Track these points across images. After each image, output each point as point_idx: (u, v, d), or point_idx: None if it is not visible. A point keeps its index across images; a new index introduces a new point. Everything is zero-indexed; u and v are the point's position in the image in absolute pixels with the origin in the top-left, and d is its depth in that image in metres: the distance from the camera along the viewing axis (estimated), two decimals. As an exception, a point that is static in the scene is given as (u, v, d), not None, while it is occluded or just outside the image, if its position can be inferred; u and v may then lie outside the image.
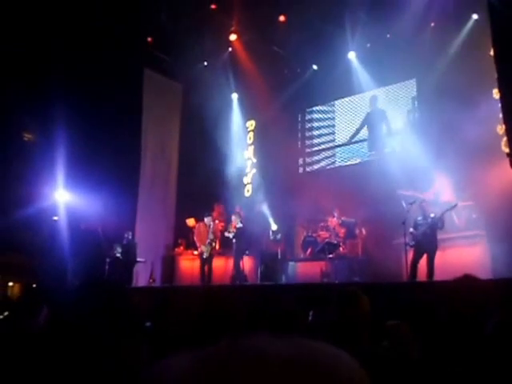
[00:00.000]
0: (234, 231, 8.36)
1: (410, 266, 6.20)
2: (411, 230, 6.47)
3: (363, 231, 8.43)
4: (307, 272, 8.38)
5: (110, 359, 0.84)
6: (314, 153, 10.76)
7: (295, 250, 9.41)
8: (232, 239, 8.39)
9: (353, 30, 8.69)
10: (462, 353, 1.41)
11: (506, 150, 6.75)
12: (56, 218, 9.68)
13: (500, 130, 7.50)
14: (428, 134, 8.24)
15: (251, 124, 11.33)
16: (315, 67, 10.21)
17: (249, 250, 8.68)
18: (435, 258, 6.22)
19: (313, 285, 6.96)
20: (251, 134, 11.32)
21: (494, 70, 6.35)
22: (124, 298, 0.97)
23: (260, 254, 8.66)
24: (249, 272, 8.63)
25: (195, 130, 10.47)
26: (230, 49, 10.21)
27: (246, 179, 11.04)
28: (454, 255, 6.77)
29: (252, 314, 1.41)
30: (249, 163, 11.18)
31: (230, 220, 8.93)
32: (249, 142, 11.31)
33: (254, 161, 11.11)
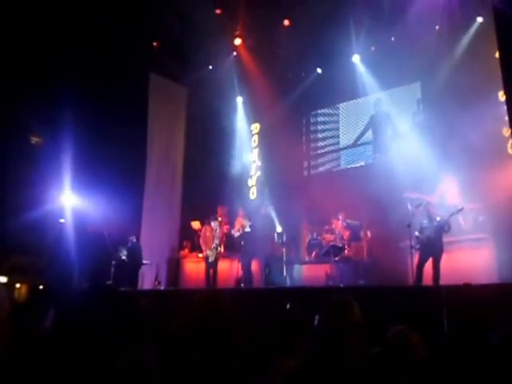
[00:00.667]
0: (241, 232, 8.35)
1: (416, 270, 6.16)
2: (416, 233, 6.43)
3: (368, 234, 8.39)
4: (312, 275, 8.37)
5: (115, 363, 0.85)
6: (318, 155, 10.77)
7: (300, 252, 9.40)
8: (241, 241, 8.37)
9: (357, 33, 8.69)
10: (465, 360, 1.41)
11: (511, 152, 6.72)
12: (62, 220, 9.76)
13: (506, 132, 7.46)
14: (433, 136, 8.21)
15: (256, 127, 11.37)
16: (319, 70, 10.22)
17: (255, 253, 8.67)
18: (441, 261, 6.18)
19: (318, 288, 6.94)
20: (256, 137, 11.36)
21: (499, 73, 6.32)
22: (131, 305, 0.99)
23: (265, 257, 8.66)
24: (253, 275, 8.62)
25: (200, 133, 10.53)
26: (235, 53, 10.26)
27: (251, 182, 11.07)
28: (460, 258, 6.73)
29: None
30: (253, 166, 11.21)
31: (233, 222, 8.96)
32: (253, 144, 11.35)
33: (259, 163, 11.13)
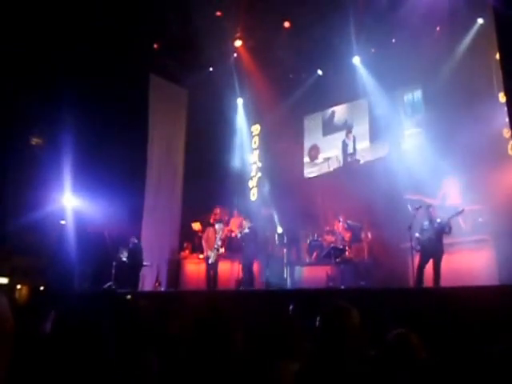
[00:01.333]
0: (242, 233, 8.35)
1: (417, 271, 6.16)
2: (417, 235, 6.43)
3: (369, 235, 8.39)
4: (313, 276, 8.36)
5: (115, 366, 0.86)
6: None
7: (301, 253, 9.40)
8: (241, 243, 8.37)
9: (357, 34, 8.70)
10: (465, 361, 1.41)
11: (512, 153, 6.72)
12: (63, 221, 9.78)
13: (506, 133, 7.45)
14: (434, 138, 8.21)
15: (256, 128, 11.38)
16: (320, 72, 10.24)
17: (256, 255, 8.67)
18: (441, 262, 6.18)
19: (318, 290, 6.94)
20: (256, 139, 11.37)
21: (499, 74, 6.32)
22: (130, 306, 1.00)
23: (266, 258, 8.65)
24: (254, 276, 8.61)
25: (201, 134, 10.53)
26: (235, 54, 10.27)
27: (252, 183, 11.07)
28: (460, 260, 6.72)
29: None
30: (254, 167, 11.21)
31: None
32: (254, 146, 11.35)
33: (259, 165, 11.14)
